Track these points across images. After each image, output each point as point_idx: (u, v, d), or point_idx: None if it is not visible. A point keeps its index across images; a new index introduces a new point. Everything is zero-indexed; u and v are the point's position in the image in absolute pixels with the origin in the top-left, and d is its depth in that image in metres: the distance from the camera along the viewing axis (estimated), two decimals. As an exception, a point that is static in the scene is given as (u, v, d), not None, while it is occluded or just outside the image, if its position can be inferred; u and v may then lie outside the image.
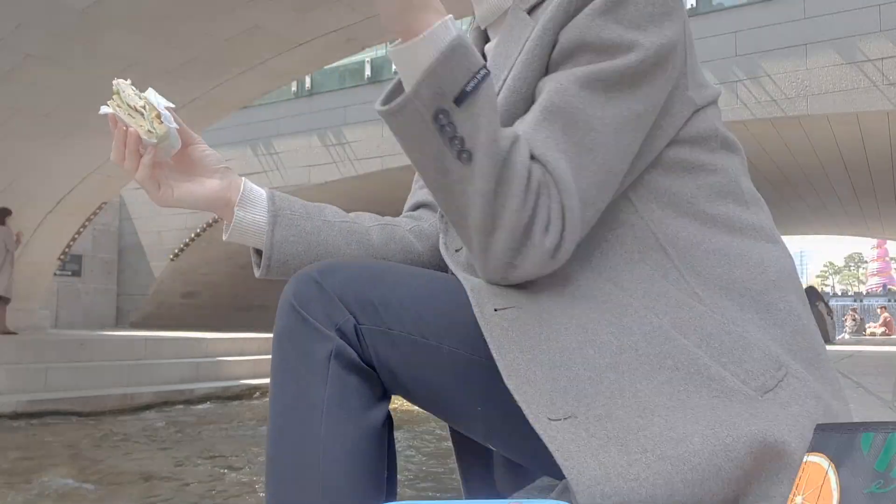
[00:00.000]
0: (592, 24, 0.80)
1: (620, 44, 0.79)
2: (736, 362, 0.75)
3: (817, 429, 0.65)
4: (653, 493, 0.68)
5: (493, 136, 0.74)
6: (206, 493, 4.69)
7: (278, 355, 0.83)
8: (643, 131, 0.81)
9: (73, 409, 7.57)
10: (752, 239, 0.84)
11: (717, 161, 0.86)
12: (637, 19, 0.80)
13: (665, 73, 0.81)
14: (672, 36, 0.81)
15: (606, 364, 0.75)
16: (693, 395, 0.73)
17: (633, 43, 0.79)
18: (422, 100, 0.74)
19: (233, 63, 8.69)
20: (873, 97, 9.01)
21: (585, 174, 0.77)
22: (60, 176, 10.09)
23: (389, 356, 0.81)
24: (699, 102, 0.85)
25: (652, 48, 0.79)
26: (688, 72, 0.85)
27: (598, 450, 0.70)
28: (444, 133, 0.74)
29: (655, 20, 0.80)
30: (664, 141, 0.83)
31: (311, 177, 13.69)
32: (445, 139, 0.74)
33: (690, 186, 0.84)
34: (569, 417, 0.72)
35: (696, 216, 0.83)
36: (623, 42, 0.79)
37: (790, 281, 0.84)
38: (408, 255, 1.04)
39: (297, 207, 0.99)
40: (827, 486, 0.60)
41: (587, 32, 0.80)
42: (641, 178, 0.83)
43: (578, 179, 0.77)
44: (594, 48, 0.80)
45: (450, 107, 0.73)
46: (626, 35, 0.79)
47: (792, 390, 0.75)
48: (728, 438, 0.70)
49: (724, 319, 0.78)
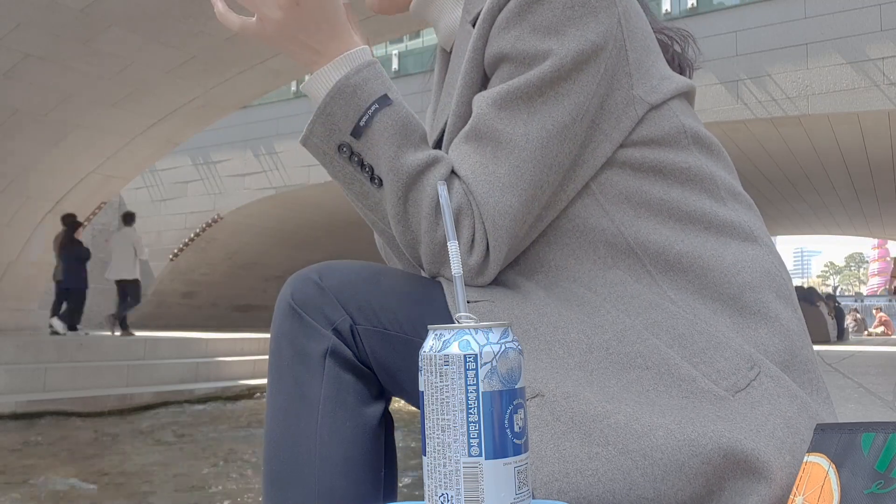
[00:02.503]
0: (508, 35, 0.80)
1: (536, 54, 0.78)
2: (707, 362, 0.74)
3: (817, 429, 0.65)
4: (611, 488, 0.68)
5: (395, 164, 0.79)
6: (206, 493, 4.69)
7: (275, 354, 0.84)
8: (574, 140, 0.80)
9: (72, 409, 7.58)
10: (728, 237, 0.83)
11: (689, 159, 0.84)
12: (553, 24, 0.79)
13: (592, 76, 0.79)
14: (596, 37, 0.79)
15: (575, 363, 0.75)
16: (662, 395, 0.72)
17: (547, 52, 0.78)
18: (318, 136, 0.82)
19: (232, 63, 8.70)
20: (874, 97, 9.02)
21: (513, 192, 0.78)
22: (60, 176, 10.10)
23: (386, 356, 0.82)
24: (652, 100, 0.83)
25: (568, 55, 0.78)
26: (631, 70, 0.82)
27: (560, 437, 0.70)
28: (353, 162, 0.81)
29: (575, 22, 0.79)
30: (610, 145, 0.81)
31: (311, 177, 13.70)
32: (356, 167, 0.82)
33: (661, 185, 0.83)
34: (535, 396, 0.72)
35: (671, 215, 0.82)
36: (538, 52, 0.78)
37: (768, 280, 0.82)
38: None
39: None
40: (828, 487, 0.60)
41: (503, 45, 0.80)
42: (610, 181, 0.82)
43: (504, 197, 0.78)
44: (512, 60, 0.80)
45: (349, 140, 0.81)
46: (540, 45, 0.78)
47: (764, 390, 0.73)
48: (693, 434, 0.69)
49: (696, 320, 0.77)
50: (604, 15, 0.80)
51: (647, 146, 0.83)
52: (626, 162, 0.82)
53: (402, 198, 0.80)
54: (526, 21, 0.79)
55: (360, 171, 0.81)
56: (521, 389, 0.55)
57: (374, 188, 0.82)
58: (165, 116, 9.88)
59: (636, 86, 0.82)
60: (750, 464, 0.68)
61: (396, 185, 0.80)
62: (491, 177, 0.79)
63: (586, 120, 0.80)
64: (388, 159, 0.80)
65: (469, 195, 0.80)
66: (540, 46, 0.78)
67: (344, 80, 0.81)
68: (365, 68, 0.82)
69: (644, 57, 0.84)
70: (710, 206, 0.84)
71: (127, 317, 10.85)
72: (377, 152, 0.80)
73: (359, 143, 0.80)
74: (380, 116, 0.80)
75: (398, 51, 14.21)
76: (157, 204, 15.72)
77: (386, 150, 0.80)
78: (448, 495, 0.53)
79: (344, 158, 0.82)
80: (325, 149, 0.82)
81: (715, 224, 0.83)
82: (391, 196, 0.80)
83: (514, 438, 0.53)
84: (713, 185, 0.85)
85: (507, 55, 0.80)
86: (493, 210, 0.78)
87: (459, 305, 0.59)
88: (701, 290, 0.80)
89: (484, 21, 0.82)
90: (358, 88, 0.81)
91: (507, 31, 0.80)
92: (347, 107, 0.80)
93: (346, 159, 0.82)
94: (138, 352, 9.44)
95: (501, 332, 0.55)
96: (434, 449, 0.54)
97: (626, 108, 0.82)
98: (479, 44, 0.83)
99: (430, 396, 0.54)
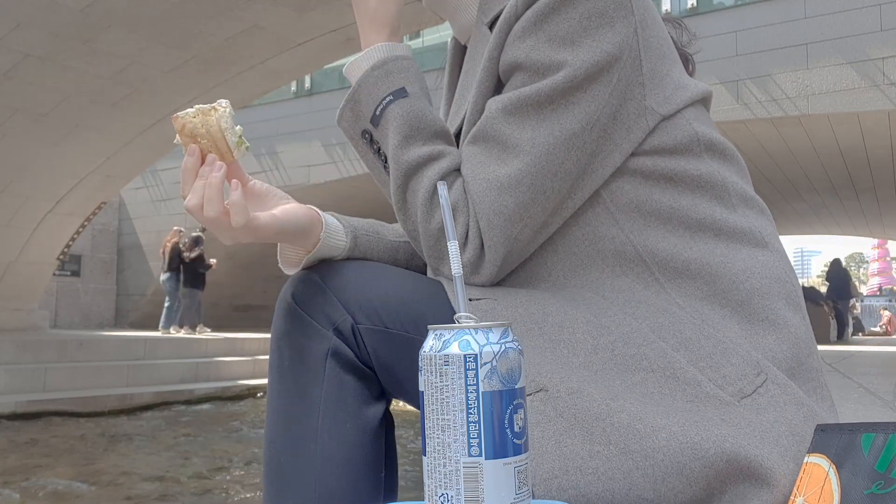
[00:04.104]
0: (523, 45, 0.80)
1: (550, 64, 0.79)
2: (713, 367, 0.74)
3: (817, 429, 0.65)
4: (611, 487, 0.68)
5: (397, 153, 0.83)
6: (205, 494, 4.69)
7: (275, 355, 0.83)
8: (583, 149, 0.80)
9: (72, 409, 7.57)
10: (738, 243, 0.83)
11: (700, 166, 0.84)
12: (569, 34, 0.79)
13: (605, 86, 0.79)
14: (611, 48, 0.79)
15: (580, 362, 0.75)
16: (667, 397, 0.72)
17: (561, 62, 0.78)
18: (346, 120, 0.89)
19: (232, 63, 8.69)
20: (874, 97, 9.01)
21: (511, 193, 0.79)
22: (59, 176, 10.08)
23: (388, 356, 0.81)
24: (665, 111, 0.82)
25: (582, 66, 0.78)
26: (644, 80, 0.82)
27: (562, 434, 0.70)
28: (373, 147, 0.87)
29: (591, 33, 0.79)
30: (621, 155, 0.81)
31: (311, 177, 13.69)
32: (374, 151, 0.87)
33: (672, 193, 0.83)
34: (539, 391, 0.72)
35: (680, 222, 0.82)
36: (552, 62, 0.79)
37: (777, 286, 0.82)
38: None
39: (366, 227, 0.96)
40: (828, 487, 0.60)
41: (518, 54, 0.81)
42: (621, 190, 0.82)
43: (501, 198, 0.79)
44: (526, 69, 0.81)
45: (369, 127, 0.86)
46: (554, 55, 0.79)
47: (770, 396, 0.73)
48: (697, 437, 0.69)
49: (703, 325, 0.77)
50: (620, 25, 0.79)
51: (658, 155, 0.82)
52: (637, 170, 0.82)
53: (401, 187, 0.83)
54: (542, 31, 0.79)
55: (378, 157, 0.87)
56: (521, 389, 0.55)
57: (385, 174, 0.86)
58: (165, 116, 9.87)
59: (649, 96, 0.82)
60: (753, 470, 0.68)
61: (396, 175, 0.84)
62: (490, 176, 0.79)
63: (596, 129, 0.80)
64: (392, 148, 0.84)
65: (466, 193, 0.81)
66: (554, 57, 0.79)
67: (369, 71, 0.86)
68: (391, 61, 0.87)
69: (659, 65, 0.83)
70: (720, 213, 0.83)
71: None
72: (385, 141, 0.85)
73: (376, 130, 0.86)
74: (392, 107, 0.84)
75: (398, 51, 14.18)
76: (157, 204, 15.69)
77: (392, 139, 0.84)
78: (448, 495, 0.53)
79: (366, 143, 0.88)
80: (352, 133, 0.89)
81: (725, 231, 0.83)
82: (392, 185, 0.84)
83: (514, 438, 0.53)
84: (724, 191, 0.85)
85: (521, 64, 0.80)
86: (487, 209, 0.79)
87: (460, 306, 0.59)
88: (709, 297, 0.79)
89: (500, 30, 0.82)
90: (380, 80, 0.86)
91: (523, 40, 0.80)
92: (369, 96, 0.86)
93: (367, 144, 0.87)
94: (138, 352, 9.43)
95: (501, 332, 0.55)
96: (434, 449, 0.54)
97: (637, 119, 0.81)
98: (494, 52, 0.84)
99: (430, 396, 0.54)
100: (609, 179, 0.82)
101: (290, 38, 8.22)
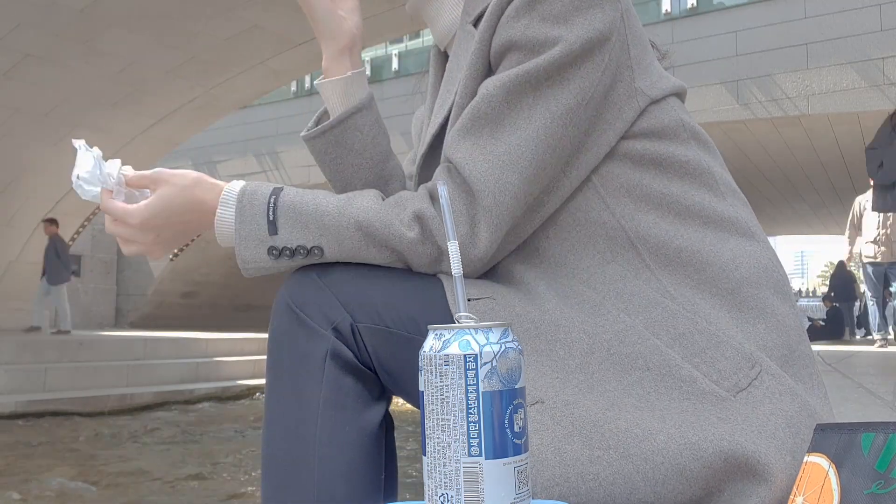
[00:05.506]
0: (518, 24, 0.81)
1: (545, 40, 0.80)
2: (708, 362, 0.74)
3: (817, 429, 0.65)
4: (612, 491, 0.68)
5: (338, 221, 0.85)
6: (205, 494, 4.69)
7: (274, 356, 0.82)
8: (578, 125, 0.81)
9: (73, 409, 7.57)
10: (727, 232, 0.83)
11: (689, 153, 0.85)
12: (562, 13, 0.81)
13: (598, 64, 0.81)
14: (602, 26, 0.81)
15: (576, 364, 0.75)
16: (663, 397, 0.72)
17: (556, 38, 0.80)
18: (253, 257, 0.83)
19: (232, 63, 8.69)
20: (874, 97, 9.01)
21: (513, 169, 0.79)
22: (59, 176, 10.08)
23: (388, 355, 0.81)
24: (653, 94, 0.85)
25: (577, 41, 0.80)
26: (632, 63, 0.84)
27: (561, 440, 0.70)
28: (299, 254, 0.85)
29: (582, 12, 0.81)
30: (614, 134, 0.83)
31: (311, 177, 13.69)
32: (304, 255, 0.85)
33: (662, 179, 0.83)
34: (536, 403, 0.72)
35: (671, 209, 0.83)
36: (548, 38, 0.80)
37: (766, 276, 0.82)
38: None
39: None
40: (828, 487, 0.60)
41: (513, 33, 0.82)
42: (612, 174, 0.83)
43: (504, 175, 0.79)
44: (521, 47, 0.81)
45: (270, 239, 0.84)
46: (550, 32, 0.80)
47: (766, 388, 0.74)
48: (694, 438, 0.69)
49: (696, 318, 0.77)
50: (609, 8, 0.82)
51: (648, 138, 0.84)
52: (628, 154, 0.83)
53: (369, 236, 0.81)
54: (535, 11, 0.81)
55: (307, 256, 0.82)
56: (521, 389, 0.55)
57: None
58: (165, 116, 9.87)
59: (637, 79, 0.84)
60: (751, 466, 0.68)
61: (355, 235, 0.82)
62: (490, 156, 0.79)
63: (591, 106, 0.81)
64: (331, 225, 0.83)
65: (464, 180, 0.80)
66: (550, 33, 0.80)
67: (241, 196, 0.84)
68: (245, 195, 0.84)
69: (643, 55, 0.86)
70: (709, 201, 0.84)
71: None
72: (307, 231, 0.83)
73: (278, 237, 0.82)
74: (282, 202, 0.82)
75: (398, 51, 14.18)
76: (157, 204, 15.69)
77: None
78: (448, 495, 0.53)
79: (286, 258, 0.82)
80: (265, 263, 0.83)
81: (714, 219, 0.83)
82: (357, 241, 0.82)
83: (514, 438, 0.53)
84: (712, 179, 0.86)
85: (515, 42, 0.81)
86: (493, 187, 0.78)
87: (460, 306, 0.59)
88: (700, 285, 0.80)
89: (492, 14, 0.83)
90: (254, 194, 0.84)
91: (517, 20, 0.81)
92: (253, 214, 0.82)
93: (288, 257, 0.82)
94: (138, 352, 9.43)
95: (501, 331, 0.55)
96: (434, 449, 0.54)
97: (628, 100, 0.83)
98: (485, 35, 0.84)
99: (430, 396, 0.54)
100: (600, 164, 0.83)
101: (290, 38, 8.22)
